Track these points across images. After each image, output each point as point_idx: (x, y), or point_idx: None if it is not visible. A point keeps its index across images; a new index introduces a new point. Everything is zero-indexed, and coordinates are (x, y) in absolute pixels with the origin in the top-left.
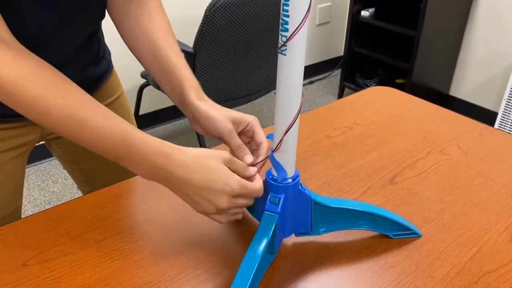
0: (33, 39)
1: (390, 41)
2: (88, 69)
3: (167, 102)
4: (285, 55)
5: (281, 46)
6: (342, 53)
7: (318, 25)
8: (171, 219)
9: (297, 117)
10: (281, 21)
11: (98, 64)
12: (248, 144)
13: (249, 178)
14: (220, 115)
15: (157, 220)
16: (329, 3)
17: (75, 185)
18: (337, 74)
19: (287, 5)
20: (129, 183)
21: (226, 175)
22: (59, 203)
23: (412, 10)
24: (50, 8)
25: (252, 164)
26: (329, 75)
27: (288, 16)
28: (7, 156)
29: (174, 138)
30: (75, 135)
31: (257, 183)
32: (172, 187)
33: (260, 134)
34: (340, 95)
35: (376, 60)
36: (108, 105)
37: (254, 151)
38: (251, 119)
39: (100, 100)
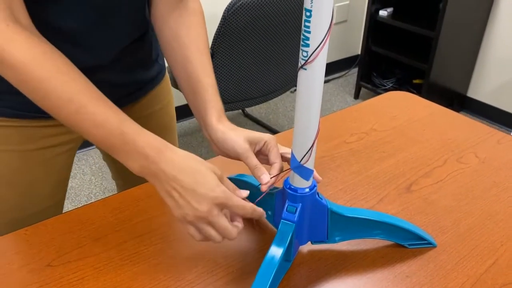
0: (71, 35)
1: (408, 41)
2: (135, 72)
3: (183, 100)
4: (305, 69)
5: (303, 65)
6: (359, 52)
7: (336, 23)
8: None
9: (315, 139)
10: (302, 36)
11: (148, 68)
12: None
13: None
14: (236, 136)
15: (177, 223)
16: (347, 2)
17: (93, 181)
18: (353, 73)
19: (309, 21)
20: (150, 186)
21: (213, 181)
22: (76, 199)
23: (431, 10)
24: (89, 7)
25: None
26: (345, 74)
27: (309, 32)
28: (56, 151)
29: (189, 135)
30: (71, 120)
31: (245, 202)
32: (158, 184)
33: (274, 154)
34: (357, 94)
35: (394, 60)
36: (153, 113)
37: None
38: (267, 138)
39: (146, 106)
